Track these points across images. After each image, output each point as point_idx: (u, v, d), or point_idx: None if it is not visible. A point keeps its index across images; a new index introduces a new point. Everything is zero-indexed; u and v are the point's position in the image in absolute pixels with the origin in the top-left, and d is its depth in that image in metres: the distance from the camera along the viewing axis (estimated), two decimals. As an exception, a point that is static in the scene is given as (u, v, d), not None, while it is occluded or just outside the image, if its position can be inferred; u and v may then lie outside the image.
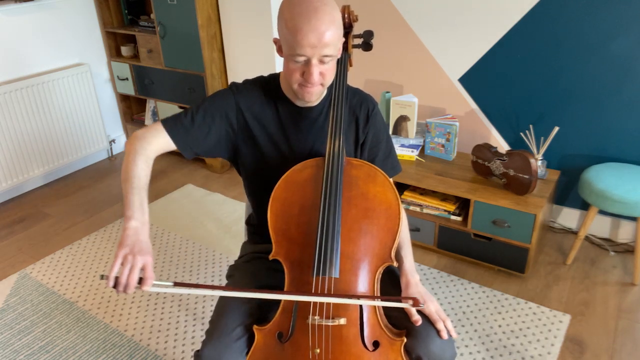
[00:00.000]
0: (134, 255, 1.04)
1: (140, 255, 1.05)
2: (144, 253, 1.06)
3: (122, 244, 1.07)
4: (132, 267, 1.03)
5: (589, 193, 2.18)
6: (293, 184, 1.24)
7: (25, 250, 2.63)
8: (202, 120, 1.29)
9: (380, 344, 1.15)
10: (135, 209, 1.12)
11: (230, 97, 1.32)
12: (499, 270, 2.35)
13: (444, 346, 1.18)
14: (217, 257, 2.51)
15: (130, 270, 1.03)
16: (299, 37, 1.12)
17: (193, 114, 1.29)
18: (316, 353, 1.13)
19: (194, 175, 3.39)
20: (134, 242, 1.07)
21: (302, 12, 1.12)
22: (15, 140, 3.02)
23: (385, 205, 1.20)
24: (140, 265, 1.04)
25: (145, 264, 1.05)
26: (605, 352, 1.89)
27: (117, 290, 1.03)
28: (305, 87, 1.21)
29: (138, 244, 1.07)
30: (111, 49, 3.53)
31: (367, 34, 1.54)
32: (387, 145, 1.43)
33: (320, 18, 1.12)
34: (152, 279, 1.04)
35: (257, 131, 1.33)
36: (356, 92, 1.39)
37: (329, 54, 1.15)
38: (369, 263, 1.18)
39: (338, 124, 1.26)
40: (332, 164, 1.22)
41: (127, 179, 1.18)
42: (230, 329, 1.22)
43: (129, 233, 1.08)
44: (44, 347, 1.99)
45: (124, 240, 1.07)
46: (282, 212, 1.22)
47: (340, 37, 1.18)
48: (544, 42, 2.35)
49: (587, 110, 2.37)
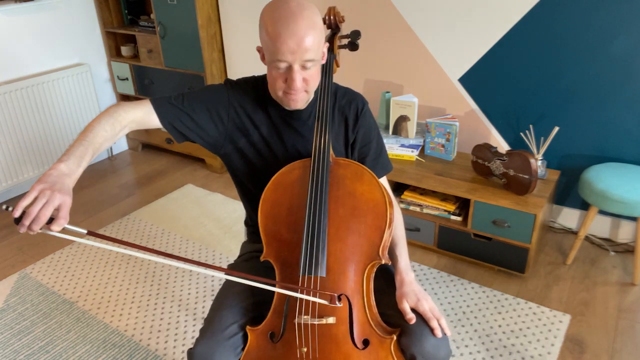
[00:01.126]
0: (53, 192, 0.94)
1: (60, 194, 0.95)
2: (64, 193, 0.96)
3: (41, 179, 0.97)
4: (47, 201, 0.93)
5: (589, 193, 2.18)
6: (281, 186, 1.24)
7: (25, 250, 2.63)
8: (191, 105, 1.27)
9: (370, 343, 1.15)
10: (72, 157, 1.04)
11: (224, 93, 1.32)
12: (499, 270, 2.35)
13: (439, 344, 1.17)
14: (217, 257, 2.51)
15: (44, 205, 0.92)
16: (278, 43, 1.12)
17: (183, 97, 1.28)
18: (303, 352, 1.13)
19: (194, 175, 3.39)
20: (55, 181, 0.97)
21: (281, 18, 1.12)
22: (15, 140, 3.02)
23: (372, 203, 1.20)
24: (56, 202, 0.94)
25: (62, 204, 0.95)
26: (605, 352, 1.89)
27: (22, 224, 0.91)
28: (289, 94, 1.21)
29: (60, 184, 0.97)
30: (111, 49, 3.53)
31: (354, 34, 1.54)
32: (377, 145, 1.42)
33: (299, 23, 1.11)
34: (65, 220, 0.95)
35: (251, 130, 1.33)
36: (346, 92, 1.39)
37: (310, 58, 1.15)
38: (357, 261, 1.18)
39: (323, 123, 1.26)
40: (318, 162, 1.22)
41: (82, 132, 1.11)
42: (224, 327, 1.22)
43: (52, 172, 0.99)
44: (44, 347, 1.99)
45: (45, 177, 0.98)
46: (272, 214, 1.23)
47: (321, 42, 1.18)
48: (544, 42, 2.36)
49: (587, 110, 2.37)
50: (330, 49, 1.47)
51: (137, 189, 3.25)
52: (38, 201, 0.93)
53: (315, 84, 1.23)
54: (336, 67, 1.46)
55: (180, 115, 1.26)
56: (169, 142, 3.53)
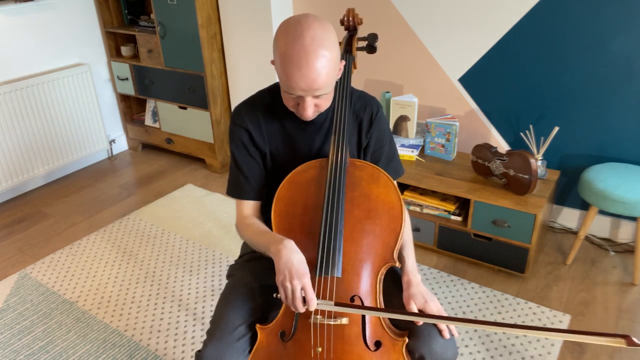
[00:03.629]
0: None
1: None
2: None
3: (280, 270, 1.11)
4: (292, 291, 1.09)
5: (589, 193, 2.18)
6: (296, 185, 1.24)
7: (25, 250, 2.63)
8: (243, 168, 1.34)
9: (382, 344, 1.15)
10: (277, 236, 1.17)
11: (242, 130, 1.33)
12: (499, 270, 2.35)
13: (446, 345, 1.18)
14: (217, 257, 2.51)
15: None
16: (291, 82, 1.11)
17: (237, 170, 1.36)
18: (318, 352, 1.13)
19: (194, 175, 3.39)
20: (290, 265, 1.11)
21: (294, 57, 1.08)
22: (15, 141, 3.02)
23: (388, 206, 1.21)
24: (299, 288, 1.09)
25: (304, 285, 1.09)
26: (605, 352, 1.89)
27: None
28: (302, 113, 1.21)
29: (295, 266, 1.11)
30: (111, 49, 3.53)
31: (372, 37, 1.54)
32: (390, 149, 1.43)
33: (311, 64, 1.08)
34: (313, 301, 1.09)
35: (267, 147, 1.35)
36: (361, 95, 1.39)
37: (323, 93, 1.15)
38: (371, 263, 1.18)
39: (341, 125, 1.26)
40: (336, 165, 1.22)
41: (252, 242, 1.26)
42: (232, 328, 1.22)
43: (282, 254, 1.12)
44: (44, 347, 1.99)
45: (281, 266, 1.11)
46: (286, 212, 1.22)
47: (335, 69, 1.15)
48: (544, 42, 2.36)
49: (587, 110, 2.37)
50: (348, 50, 1.47)
51: (137, 189, 3.25)
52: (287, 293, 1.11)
53: (328, 104, 1.22)
54: (353, 69, 1.46)
55: (254, 185, 1.35)
56: (169, 142, 3.53)
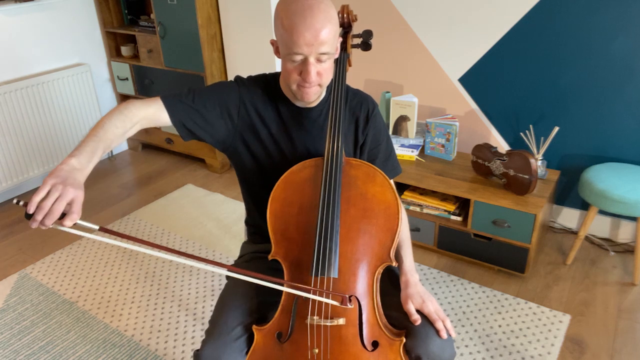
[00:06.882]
0: (65, 186, 0.93)
1: (72, 188, 0.94)
2: (77, 187, 0.95)
3: (52, 173, 0.95)
4: (60, 196, 0.92)
5: (589, 193, 2.18)
6: (292, 184, 1.23)
7: (25, 250, 2.63)
8: (202, 102, 1.27)
9: (379, 344, 1.15)
10: (83, 152, 1.02)
11: (235, 90, 1.32)
12: (499, 270, 2.35)
13: (444, 346, 1.18)
14: (217, 257, 2.51)
15: (57, 199, 0.91)
16: (295, 36, 1.12)
17: (194, 94, 1.27)
18: (315, 353, 1.13)
19: (194, 175, 3.39)
20: (67, 175, 0.96)
21: (298, 11, 1.12)
22: (15, 140, 3.02)
23: (384, 205, 1.20)
24: (69, 197, 0.93)
25: (74, 198, 0.94)
26: (605, 352, 1.89)
27: (35, 219, 0.90)
28: (304, 87, 1.21)
29: (72, 178, 0.96)
30: (111, 49, 3.53)
31: (367, 34, 1.54)
32: (387, 147, 1.42)
33: (315, 16, 1.12)
34: (78, 215, 0.94)
35: (260, 128, 1.32)
36: (356, 93, 1.39)
37: (326, 51, 1.15)
38: (367, 263, 1.18)
39: (337, 123, 1.26)
40: (331, 164, 1.22)
41: (93, 128, 1.10)
42: (230, 328, 1.22)
43: (64, 167, 0.98)
44: (44, 347, 1.99)
45: (57, 171, 0.96)
46: (281, 212, 1.22)
47: (336, 35, 1.18)
48: (544, 42, 2.35)
49: (587, 110, 2.37)
50: (343, 47, 1.47)
51: (137, 189, 3.25)
52: (51, 195, 0.91)
53: (329, 78, 1.23)
54: (348, 66, 1.46)
55: (190, 113, 1.25)
56: (169, 142, 3.53)
